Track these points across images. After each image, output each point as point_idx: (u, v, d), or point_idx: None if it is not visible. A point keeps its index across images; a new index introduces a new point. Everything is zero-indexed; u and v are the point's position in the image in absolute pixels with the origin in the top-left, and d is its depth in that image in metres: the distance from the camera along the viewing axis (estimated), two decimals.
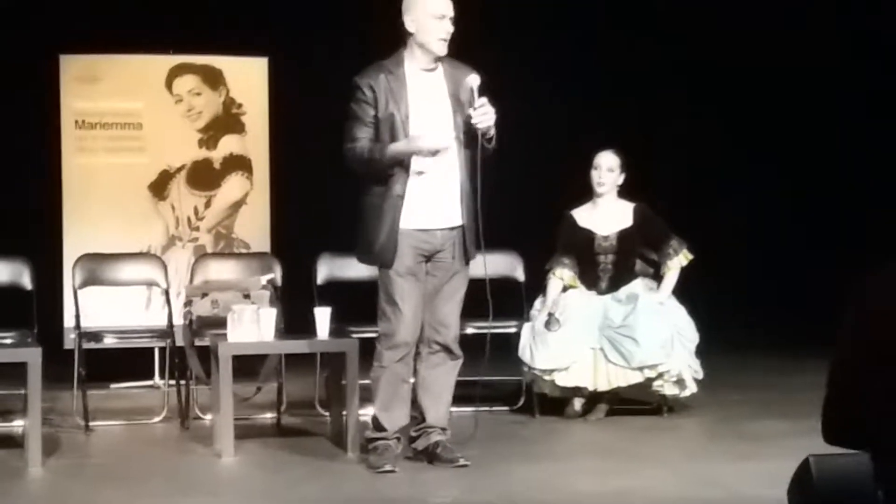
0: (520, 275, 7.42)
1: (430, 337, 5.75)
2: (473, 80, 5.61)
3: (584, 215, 7.15)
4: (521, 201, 9.30)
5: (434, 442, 5.73)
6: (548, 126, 9.65)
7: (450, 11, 5.63)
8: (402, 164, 5.58)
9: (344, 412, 6.13)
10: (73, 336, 7.30)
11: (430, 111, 5.63)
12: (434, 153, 5.56)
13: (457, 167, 5.64)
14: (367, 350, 5.91)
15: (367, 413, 5.93)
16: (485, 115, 5.57)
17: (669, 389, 6.88)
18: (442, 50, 5.64)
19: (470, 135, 5.61)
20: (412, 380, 5.81)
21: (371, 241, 5.64)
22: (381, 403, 5.71)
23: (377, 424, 5.72)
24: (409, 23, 5.65)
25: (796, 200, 10.39)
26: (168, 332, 7.21)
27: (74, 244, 8.32)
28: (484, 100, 5.60)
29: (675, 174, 9.77)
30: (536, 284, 7.22)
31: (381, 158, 5.55)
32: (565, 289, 7.06)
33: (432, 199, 5.62)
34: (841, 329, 2.59)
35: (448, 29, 5.62)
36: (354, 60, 5.89)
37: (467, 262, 5.74)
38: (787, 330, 9.56)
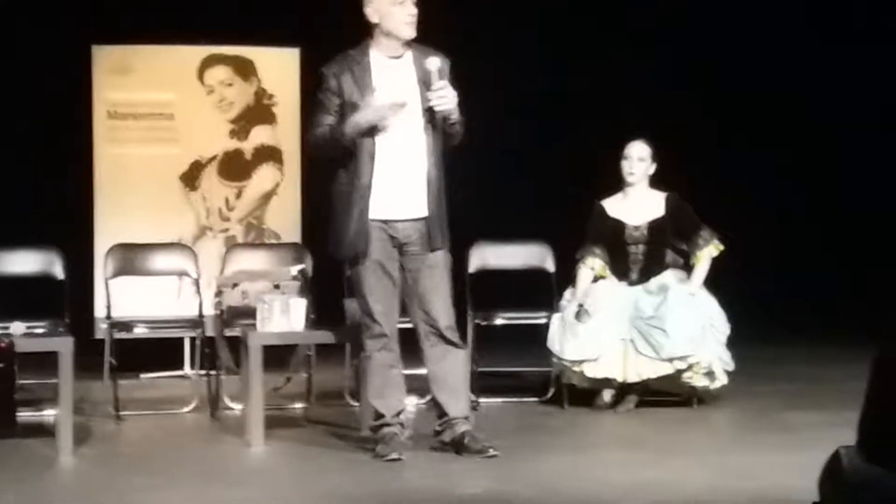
0: (549, 265, 7.42)
1: (424, 331, 5.71)
2: (432, 63, 5.53)
3: (614, 205, 7.11)
4: (551, 192, 9.28)
5: (461, 432, 5.70)
6: (578, 116, 9.61)
7: None
8: (369, 150, 5.51)
9: None
10: (104, 326, 7.35)
11: (397, 98, 5.54)
12: (393, 111, 5.45)
13: (424, 155, 5.58)
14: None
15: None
16: (443, 99, 5.50)
17: (699, 381, 6.84)
18: (410, 33, 5.57)
19: (433, 120, 5.55)
20: (400, 366, 5.77)
21: (340, 233, 5.61)
22: (373, 391, 5.72)
23: (374, 411, 5.71)
24: (372, 14, 5.60)
25: (827, 189, 10.34)
26: (198, 322, 7.23)
27: (106, 234, 8.36)
28: (443, 83, 5.52)
29: (707, 163, 9.71)
30: (566, 275, 7.20)
31: (343, 134, 5.48)
32: (595, 279, 7.03)
33: (398, 188, 5.56)
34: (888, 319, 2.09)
35: (411, 11, 5.55)
36: None
37: (433, 251, 5.65)
38: (819, 321, 9.51)
